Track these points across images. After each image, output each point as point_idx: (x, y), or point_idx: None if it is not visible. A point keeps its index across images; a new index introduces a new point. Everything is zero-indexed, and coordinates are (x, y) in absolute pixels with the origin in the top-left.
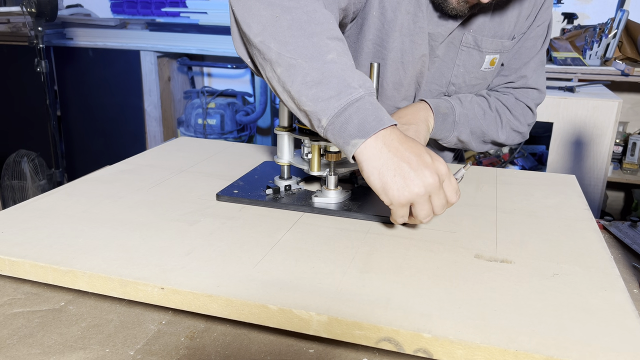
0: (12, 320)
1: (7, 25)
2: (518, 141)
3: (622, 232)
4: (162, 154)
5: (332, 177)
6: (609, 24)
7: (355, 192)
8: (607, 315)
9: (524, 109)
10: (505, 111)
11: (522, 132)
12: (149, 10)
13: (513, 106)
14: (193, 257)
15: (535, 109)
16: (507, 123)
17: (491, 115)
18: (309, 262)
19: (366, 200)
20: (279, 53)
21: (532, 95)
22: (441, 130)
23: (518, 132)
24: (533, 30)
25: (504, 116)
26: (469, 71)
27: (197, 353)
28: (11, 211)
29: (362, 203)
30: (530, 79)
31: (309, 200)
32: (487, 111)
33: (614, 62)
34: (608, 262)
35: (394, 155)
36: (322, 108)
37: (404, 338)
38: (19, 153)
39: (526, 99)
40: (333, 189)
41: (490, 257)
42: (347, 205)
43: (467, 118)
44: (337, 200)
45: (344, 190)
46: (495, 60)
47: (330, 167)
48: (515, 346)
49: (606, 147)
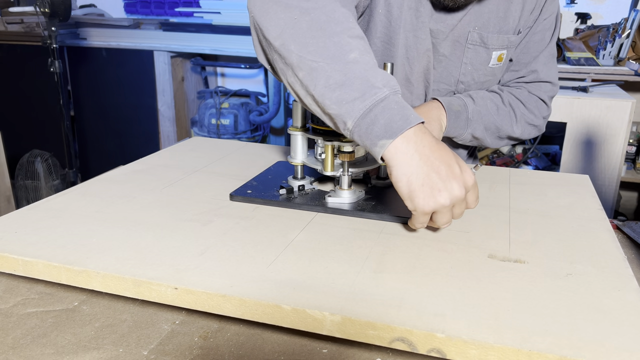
0: (25, 320)
1: (21, 25)
2: (534, 134)
3: (636, 232)
4: (176, 154)
5: (345, 177)
6: (622, 24)
7: (369, 192)
8: (620, 315)
9: (537, 102)
10: (519, 105)
11: (538, 125)
12: (162, 10)
13: (526, 99)
14: (206, 257)
15: (549, 102)
16: (521, 117)
17: (505, 110)
18: (322, 262)
19: (380, 200)
20: (300, 56)
21: (544, 88)
22: (455, 128)
23: (533, 126)
24: (540, 24)
25: (518, 110)
26: (477, 68)
27: (210, 353)
28: (25, 211)
29: (376, 203)
30: (542, 72)
31: (322, 200)
32: (500, 106)
33: (628, 62)
34: (621, 262)
35: (424, 164)
36: (346, 110)
37: (417, 338)
38: (32, 153)
39: (539, 92)
40: (347, 189)
41: (503, 257)
42: (361, 206)
43: (480, 115)
44: (351, 200)
45: (357, 190)
46: (502, 56)
47: (344, 167)
48: (529, 346)
49: (619, 147)
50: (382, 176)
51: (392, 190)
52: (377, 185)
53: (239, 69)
